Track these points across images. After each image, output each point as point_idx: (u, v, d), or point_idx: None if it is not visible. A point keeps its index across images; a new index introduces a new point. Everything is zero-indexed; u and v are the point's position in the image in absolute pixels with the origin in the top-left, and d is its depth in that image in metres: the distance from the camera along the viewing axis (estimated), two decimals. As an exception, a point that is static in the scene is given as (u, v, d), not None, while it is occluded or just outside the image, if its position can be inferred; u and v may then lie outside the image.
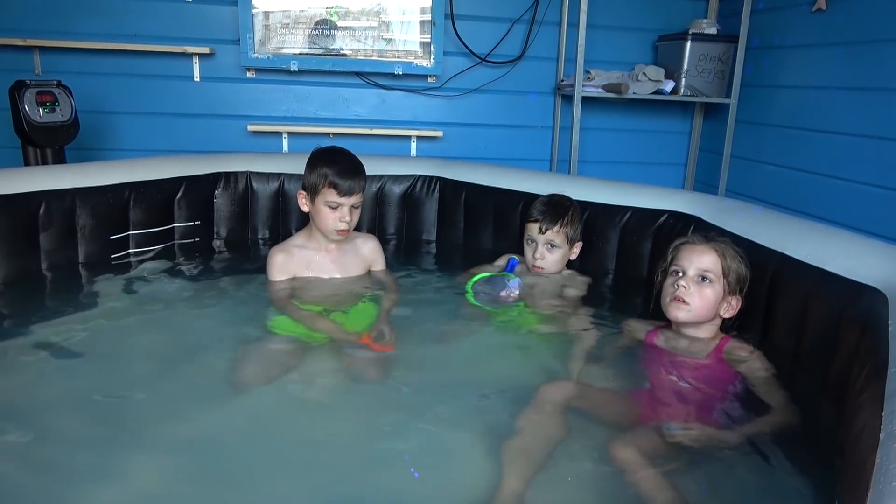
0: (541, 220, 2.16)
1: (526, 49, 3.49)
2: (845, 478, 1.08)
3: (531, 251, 2.19)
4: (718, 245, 1.70)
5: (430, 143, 3.56)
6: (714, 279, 1.66)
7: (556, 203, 2.21)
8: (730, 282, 1.68)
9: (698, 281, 1.67)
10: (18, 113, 2.67)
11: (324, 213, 2.02)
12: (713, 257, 1.68)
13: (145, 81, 3.27)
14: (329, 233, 2.05)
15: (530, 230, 2.19)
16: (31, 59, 3.14)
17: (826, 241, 1.78)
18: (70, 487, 1.22)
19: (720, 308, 1.69)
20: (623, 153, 3.72)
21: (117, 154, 3.28)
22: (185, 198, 2.57)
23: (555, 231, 2.15)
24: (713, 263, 1.67)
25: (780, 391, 1.53)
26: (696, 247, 1.70)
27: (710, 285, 1.66)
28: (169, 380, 1.60)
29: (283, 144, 3.44)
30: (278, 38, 3.31)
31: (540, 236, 2.16)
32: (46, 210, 2.21)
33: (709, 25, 3.32)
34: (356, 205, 2.05)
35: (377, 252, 2.23)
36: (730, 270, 1.67)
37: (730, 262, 1.68)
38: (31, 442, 1.33)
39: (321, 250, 2.12)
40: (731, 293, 1.69)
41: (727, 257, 1.68)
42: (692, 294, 1.66)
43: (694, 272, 1.68)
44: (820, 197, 2.85)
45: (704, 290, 1.67)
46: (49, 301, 2.12)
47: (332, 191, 1.99)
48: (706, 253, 1.69)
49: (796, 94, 3.04)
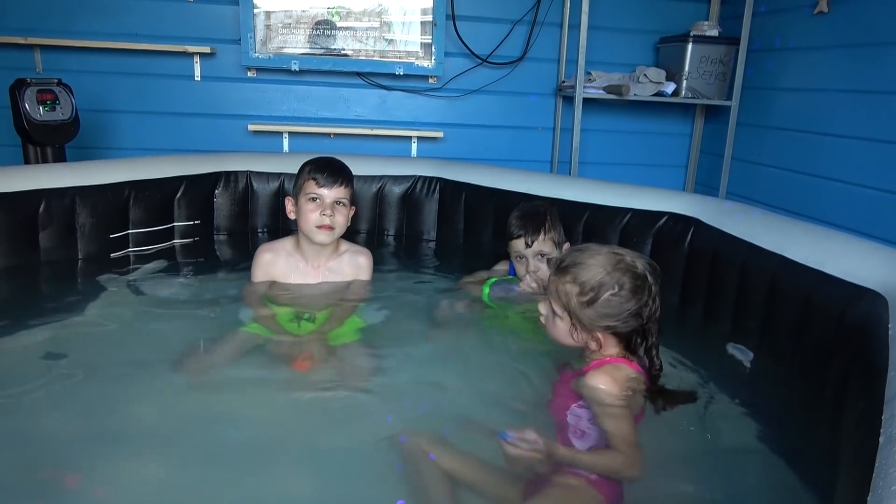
0: (524, 235, 2.07)
1: (527, 50, 3.49)
2: (844, 482, 1.08)
3: (523, 268, 2.09)
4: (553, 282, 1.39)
5: (431, 144, 3.56)
6: (556, 315, 1.38)
7: (531, 213, 2.11)
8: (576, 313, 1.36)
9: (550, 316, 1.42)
10: (19, 111, 2.66)
11: (305, 209, 1.96)
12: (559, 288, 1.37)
13: (146, 80, 3.27)
14: (311, 232, 1.97)
15: (516, 247, 2.09)
16: (31, 57, 3.14)
17: (826, 243, 1.78)
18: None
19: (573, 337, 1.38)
20: (624, 155, 3.72)
21: (117, 153, 3.28)
22: (185, 197, 2.57)
23: (541, 241, 2.06)
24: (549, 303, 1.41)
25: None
26: (552, 276, 1.42)
27: (556, 319, 1.39)
28: (157, 377, 1.60)
29: (283, 144, 3.44)
30: (279, 37, 3.31)
31: (528, 251, 2.06)
32: (46, 208, 2.21)
33: (710, 27, 3.32)
34: (341, 201, 1.97)
35: (366, 266, 2.11)
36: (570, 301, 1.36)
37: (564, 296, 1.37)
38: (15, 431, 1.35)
39: (308, 262, 2.04)
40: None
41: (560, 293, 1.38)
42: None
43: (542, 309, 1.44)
44: (820, 200, 2.85)
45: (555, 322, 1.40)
46: (47, 298, 2.13)
47: (311, 182, 1.95)
48: (555, 283, 1.40)
49: (797, 97, 3.04)
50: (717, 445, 1.44)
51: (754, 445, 1.43)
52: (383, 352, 1.78)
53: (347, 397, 1.56)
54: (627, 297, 1.31)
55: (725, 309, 2.01)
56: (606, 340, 1.35)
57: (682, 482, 1.30)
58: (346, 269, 2.09)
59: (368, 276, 2.13)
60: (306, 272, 2.05)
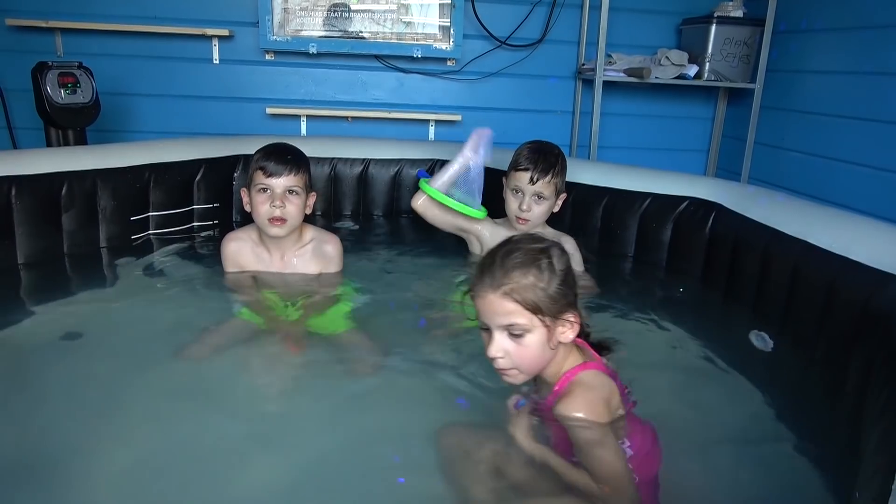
0: (532, 170, 2.02)
1: (547, 32, 3.44)
2: (867, 471, 1.07)
3: (517, 202, 2.06)
4: (509, 284, 1.15)
5: (449, 128, 3.53)
6: (525, 329, 1.16)
7: (545, 151, 2.07)
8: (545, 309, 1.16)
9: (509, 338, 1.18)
10: (41, 94, 2.69)
11: (256, 202, 1.87)
12: (510, 304, 1.15)
13: (165, 63, 3.29)
14: (263, 225, 1.89)
15: (518, 179, 2.04)
16: (52, 40, 3.16)
17: (851, 229, 1.74)
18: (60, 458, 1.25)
19: (551, 345, 1.19)
20: (644, 139, 3.67)
21: (137, 136, 3.30)
22: (204, 180, 2.58)
23: (546, 182, 2.03)
24: (512, 312, 1.15)
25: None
26: (484, 298, 1.17)
27: (525, 337, 1.16)
28: (163, 360, 1.61)
29: (301, 127, 3.44)
30: (297, 20, 3.30)
31: (529, 186, 2.03)
32: (68, 191, 2.23)
33: (735, 8, 3.25)
34: (292, 190, 1.88)
35: (335, 254, 2.02)
36: (538, 303, 1.16)
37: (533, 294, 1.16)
38: (31, 412, 1.38)
39: (272, 254, 1.99)
40: (553, 314, 1.17)
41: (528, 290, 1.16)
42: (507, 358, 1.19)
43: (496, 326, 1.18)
44: (846, 184, 2.79)
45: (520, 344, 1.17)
46: (68, 279, 2.16)
47: (259, 172, 1.87)
48: (495, 303, 1.16)
49: (823, 80, 2.97)
50: (736, 433, 1.43)
51: (774, 433, 1.41)
52: (380, 337, 1.74)
53: (348, 385, 1.55)
54: (563, 260, 1.21)
55: (747, 295, 1.99)
56: (572, 326, 1.19)
57: (699, 470, 1.29)
58: (312, 259, 2.01)
59: (338, 267, 2.04)
60: (271, 263, 1.99)
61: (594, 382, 1.20)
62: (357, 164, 2.85)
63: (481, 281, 1.18)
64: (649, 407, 1.45)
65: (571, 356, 1.24)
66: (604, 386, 1.20)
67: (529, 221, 2.09)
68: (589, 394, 1.17)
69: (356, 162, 2.85)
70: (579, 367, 1.22)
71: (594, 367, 1.23)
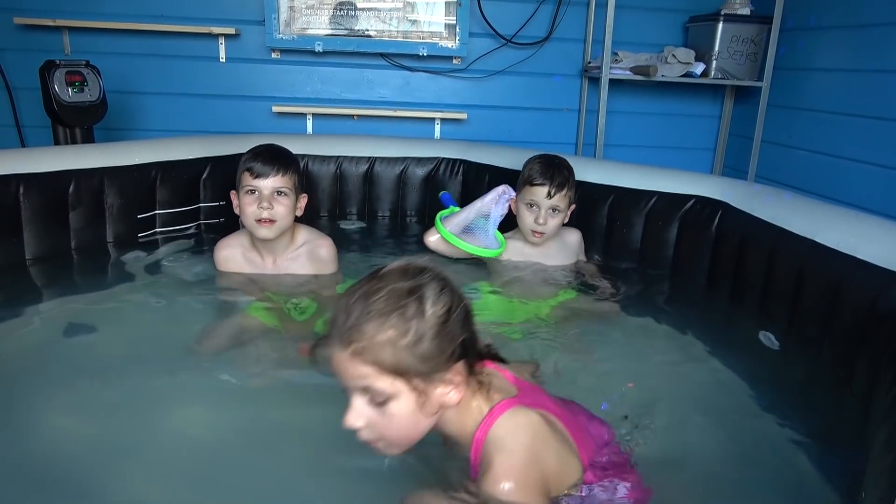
0: (549, 184, 2.06)
1: (553, 30, 3.44)
2: (874, 472, 1.06)
3: (532, 216, 2.10)
4: (360, 342, 0.92)
5: (455, 126, 3.53)
6: (388, 396, 0.94)
7: (558, 165, 2.11)
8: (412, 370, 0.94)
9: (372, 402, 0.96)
10: (48, 92, 2.70)
11: (244, 203, 1.86)
12: (362, 367, 0.93)
13: (172, 62, 3.30)
14: (252, 227, 1.87)
15: (534, 194, 2.08)
16: (60, 39, 3.18)
17: (859, 228, 1.73)
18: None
19: (426, 412, 0.97)
20: (650, 137, 3.66)
21: (144, 134, 3.32)
22: (210, 178, 2.59)
23: (562, 195, 2.08)
24: (367, 376, 0.93)
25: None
26: (333, 355, 0.96)
27: (389, 404, 0.95)
28: (169, 357, 1.61)
29: (307, 126, 3.45)
30: (303, 18, 3.30)
31: (546, 201, 2.07)
32: (76, 189, 2.24)
33: (742, 6, 3.23)
34: (280, 191, 1.85)
35: (329, 257, 2.00)
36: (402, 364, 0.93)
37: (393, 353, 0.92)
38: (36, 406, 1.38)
39: (264, 258, 1.97)
40: (426, 375, 0.95)
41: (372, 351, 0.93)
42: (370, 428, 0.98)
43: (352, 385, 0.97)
44: (853, 183, 2.78)
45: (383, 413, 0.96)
46: (76, 278, 2.17)
47: (246, 174, 1.85)
48: (344, 363, 0.95)
49: (831, 77, 2.95)
50: (743, 433, 1.42)
51: (780, 432, 1.41)
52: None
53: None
54: (443, 299, 0.94)
55: (753, 294, 1.98)
56: (458, 386, 0.96)
57: (706, 470, 1.29)
58: (305, 263, 1.99)
59: (333, 269, 2.01)
60: (264, 267, 1.98)
61: (516, 438, 0.95)
62: (363, 162, 2.85)
63: (330, 331, 0.94)
64: (654, 406, 1.45)
65: (474, 407, 0.99)
66: (528, 431, 0.96)
67: (545, 234, 2.13)
68: (513, 460, 0.93)
69: (362, 160, 2.85)
70: (489, 417, 0.97)
71: (508, 406, 0.98)
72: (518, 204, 2.15)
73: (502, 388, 1.04)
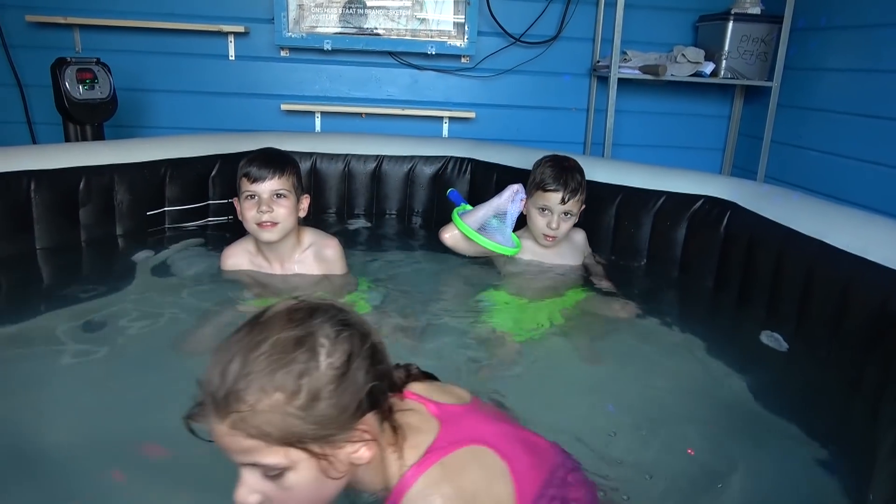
0: (563, 190, 2.04)
1: (561, 29, 3.43)
2: (880, 479, 1.06)
3: (545, 221, 2.09)
4: (239, 412, 0.77)
5: (463, 125, 3.53)
6: (282, 468, 0.79)
7: (570, 168, 2.09)
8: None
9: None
10: (59, 90, 2.72)
11: (244, 208, 1.86)
12: (244, 440, 0.78)
13: (181, 60, 3.31)
14: (254, 231, 1.87)
15: (547, 199, 2.07)
16: (71, 36, 3.20)
17: (868, 229, 1.72)
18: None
19: (334, 475, 0.82)
20: (659, 137, 3.65)
21: (153, 131, 3.33)
22: (219, 176, 2.60)
23: (575, 200, 2.07)
24: (252, 450, 0.78)
25: None
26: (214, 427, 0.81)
27: (286, 476, 0.80)
28: (174, 355, 1.62)
29: (315, 124, 3.45)
30: (312, 16, 3.31)
31: (559, 206, 2.06)
32: (86, 185, 2.26)
33: (752, 5, 3.21)
34: (280, 194, 1.85)
35: (336, 257, 2.00)
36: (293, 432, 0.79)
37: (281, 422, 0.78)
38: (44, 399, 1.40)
39: (271, 263, 1.97)
40: (327, 438, 0.81)
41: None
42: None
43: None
44: (864, 184, 2.76)
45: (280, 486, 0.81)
46: (85, 274, 2.18)
47: (244, 180, 1.85)
48: (223, 437, 0.80)
49: (842, 78, 2.93)
50: (750, 435, 1.41)
51: (788, 434, 1.40)
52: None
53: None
54: (341, 345, 0.80)
55: (761, 295, 1.97)
56: (368, 444, 0.83)
57: (711, 471, 1.29)
58: (313, 264, 1.99)
59: (341, 269, 2.02)
60: (271, 271, 1.98)
61: (441, 498, 0.84)
62: (371, 160, 2.86)
63: (204, 397, 0.78)
64: (661, 406, 1.45)
65: (388, 461, 0.87)
66: (453, 483, 0.85)
67: (557, 238, 2.13)
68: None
69: (370, 158, 2.86)
70: (400, 485, 0.85)
71: (421, 471, 0.86)
72: (529, 207, 2.14)
73: (421, 428, 0.90)
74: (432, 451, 0.88)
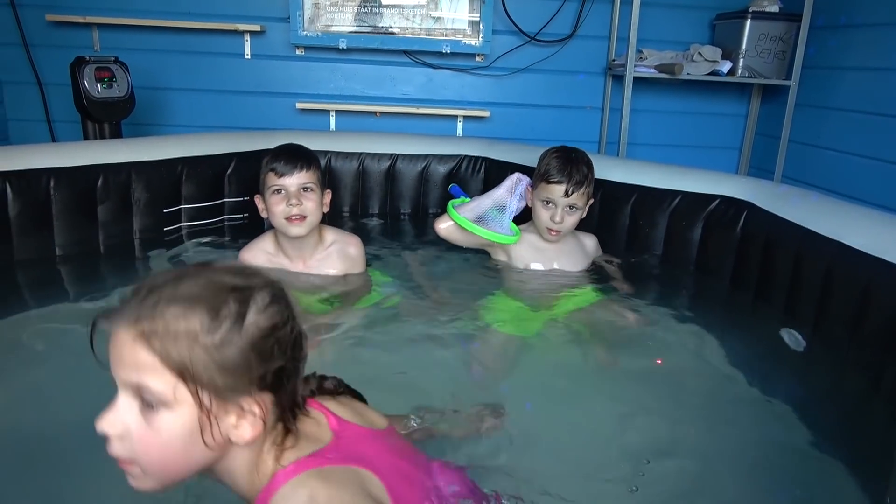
0: (566, 182, 1.97)
1: (577, 27, 3.42)
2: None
3: (548, 214, 2.02)
4: (152, 323, 0.77)
5: (477, 124, 3.53)
6: (163, 401, 0.77)
7: (576, 160, 2.01)
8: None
9: None
10: (78, 88, 2.76)
11: (271, 204, 1.86)
12: (144, 353, 0.78)
13: (198, 58, 3.34)
14: (283, 226, 1.86)
15: (551, 192, 2.00)
16: (90, 35, 3.23)
17: (887, 229, 1.70)
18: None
19: (208, 440, 0.77)
20: (675, 136, 3.63)
21: (170, 129, 3.36)
22: (235, 174, 2.62)
23: (580, 193, 2.00)
24: (144, 367, 0.77)
25: None
26: (115, 333, 0.81)
27: (161, 414, 0.76)
28: None
29: (330, 122, 3.47)
30: (327, 15, 3.32)
31: (563, 199, 1.99)
32: (104, 183, 2.29)
33: (770, 3, 3.18)
34: (307, 187, 1.85)
35: (358, 255, 2.01)
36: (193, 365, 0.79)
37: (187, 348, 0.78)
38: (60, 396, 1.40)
39: (292, 261, 1.96)
40: (220, 392, 0.78)
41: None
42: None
43: None
44: (883, 185, 2.72)
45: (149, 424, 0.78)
46: (103, 271, 2.21)
47: (271, 174, 1.85)
48: (124, 344, 0.79)
49: (862, 77, 2.90)
50: (764, 435, 1.40)
51: (804, 435, 1.39)
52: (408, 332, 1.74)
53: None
54: (272, 312, 0.79)
55: (778, 296, 1.95)
56: (253, 422, 0.79)
57: (727, 472, 1.28)
58: (336, 262, 1.98)
59: (362, 268, 2.03)
60: (293, 269, 1.96)
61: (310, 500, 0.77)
62: (385, 159, 2.86)
63: (121, 305, 0.77)
64: (679, 406, 1.44)
65: (263, 461, 0.81)
66: (328, 492, 0.78)
67: (561, 233, 2.07)
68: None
69: (384, 157, 2.86)
70: (271, 484, 0.79)
71: (295, 473, 0.79)
72: (533, 200, 2.09)
73: (311, 436, 0.85)
74: (314, 456, 0.82)
